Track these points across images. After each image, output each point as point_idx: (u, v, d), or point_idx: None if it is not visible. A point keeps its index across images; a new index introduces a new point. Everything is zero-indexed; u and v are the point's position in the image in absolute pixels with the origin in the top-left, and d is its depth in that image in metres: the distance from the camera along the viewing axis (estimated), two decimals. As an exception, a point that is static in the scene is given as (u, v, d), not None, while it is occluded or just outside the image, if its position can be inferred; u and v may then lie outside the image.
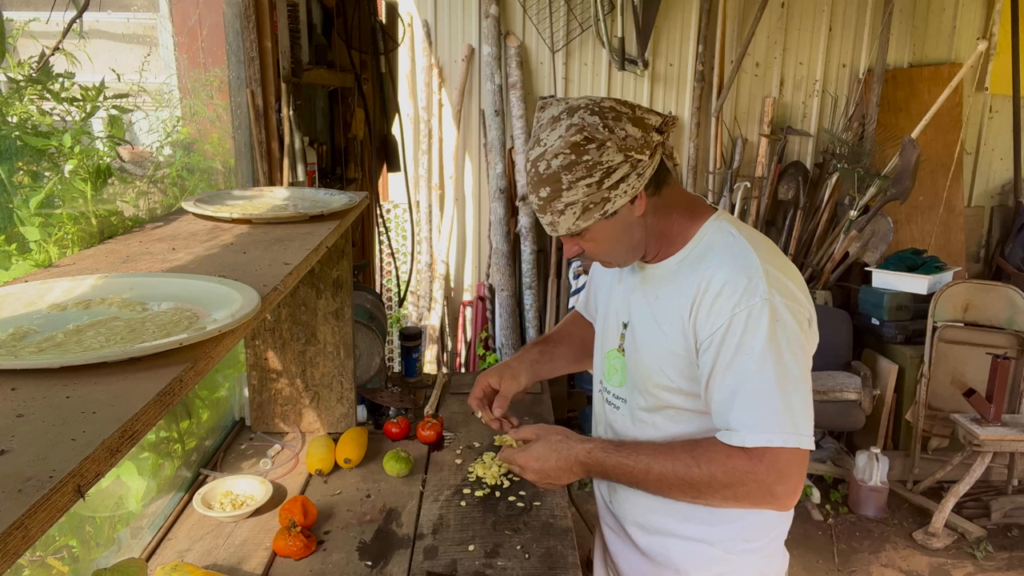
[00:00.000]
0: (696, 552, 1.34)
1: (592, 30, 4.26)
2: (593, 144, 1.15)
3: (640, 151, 1.17)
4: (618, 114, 1.17)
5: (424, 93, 4.29)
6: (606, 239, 1.25)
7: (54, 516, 0.56)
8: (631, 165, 1.17)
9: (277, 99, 2.10)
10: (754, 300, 1.16)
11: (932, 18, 4.41)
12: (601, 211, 1.19)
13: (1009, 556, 3.31)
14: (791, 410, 1.16)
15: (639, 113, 1.20)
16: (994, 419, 3.21)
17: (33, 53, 1.36)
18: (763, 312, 1.15)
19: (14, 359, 0.78)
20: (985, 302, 3.64)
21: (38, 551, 1.35)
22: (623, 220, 1.22)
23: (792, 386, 1.16)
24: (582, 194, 1.17)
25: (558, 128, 1.18)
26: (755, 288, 1.17)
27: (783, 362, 1.15)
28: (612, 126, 1.16)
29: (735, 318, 1.17)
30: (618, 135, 1.16)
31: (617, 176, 1.17)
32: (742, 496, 1.19)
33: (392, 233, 4.46)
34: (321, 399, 2.03)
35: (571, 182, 1.17)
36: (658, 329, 1.28)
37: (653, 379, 1.31)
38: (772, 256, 1.23)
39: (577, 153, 1.16)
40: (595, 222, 1.21)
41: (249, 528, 1.61)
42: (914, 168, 3.80)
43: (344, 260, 1.93)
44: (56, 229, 1.32)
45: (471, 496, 1.73)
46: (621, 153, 1.16)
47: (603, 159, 1.16)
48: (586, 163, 1.16)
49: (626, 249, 1.28)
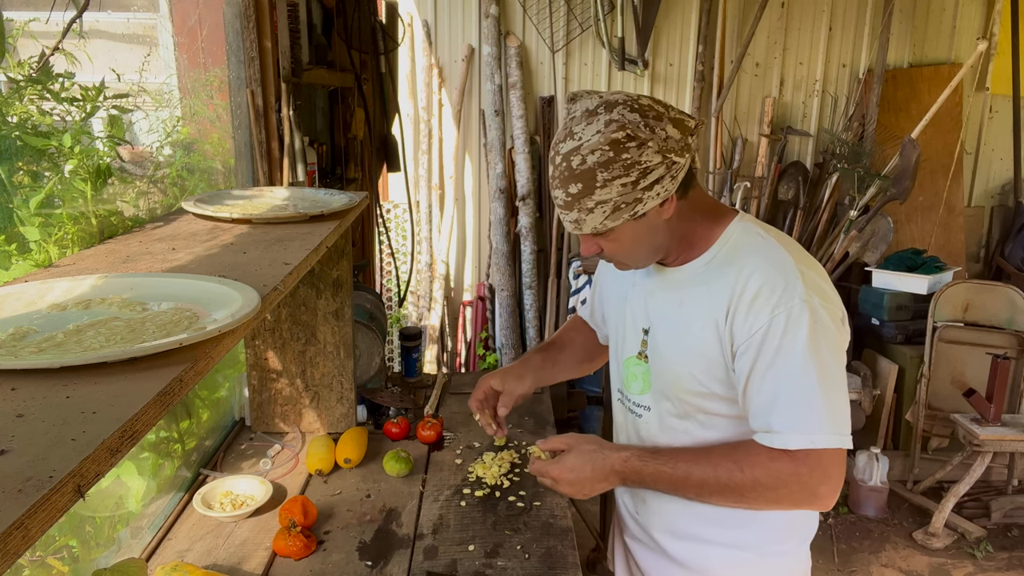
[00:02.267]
0: (730, 556, 1.33)
1: (592, 30, 4.26)
2: (634, 143, 1.11)
3: (679, 153, 1.15)
4: (658, 114, 1.14)
5: (424, 93, 4.29)
6: (630, 240, 1.22)
7: (54, 516, 0.56)
8: (667, 167, 1.14)
9: (277, 99, 2.10)
10: (793, 301, 1.15)
11: (932, 18, 4.41)
12: (631, 212, 1.16)
13: (1009, 556, 3.31)
14: (833, 410, 1.15)
15: (675, 114, 1.17)
16: (994, 419, 3.21)
17: (33, 53, 1.35)
18: (803, 313, 1.14)
19: (14, 359, 0.78)
20: (985, 302, 3.64)
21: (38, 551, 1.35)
22: (650, 222, 1.20)
23: (833, 386, 1.16)
24: (616, 193, 1.13)
25: (595, 123, 1.13)
26: (793, 289, 1.15)
27: (824, 362, 1.15)
28: (653, 126, 1.13)
29: (775, 320, 1.15)
30: (659, 136, 1.13)
31: (652, 177, 1.13)
32: (785, 498, 1.18)
33: (392, 233, 4.46)
34: (321, 399, 2.03)
35: (606, 180, 1.12)
36: (688, 333, 1.25)
37: (683, 384, 1.28)
38: (803, 256, 1.22)
39: (616, 151, 1.11)
40: (623, 223, 1.17)
41: (249, 528, 1.61)
42: (914, 168, 3.80)
43: (344, 260, 1.93)
44: (56, 229, 1.32)
45: (471, 496, 1.73)
46: (660, 155, 1.13)
47: (642, 159, 1.12)
48: (624, 162, 1.11)
49: (648, 251, 1.26)
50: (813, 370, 1.14)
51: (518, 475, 1.81)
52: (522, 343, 4.48)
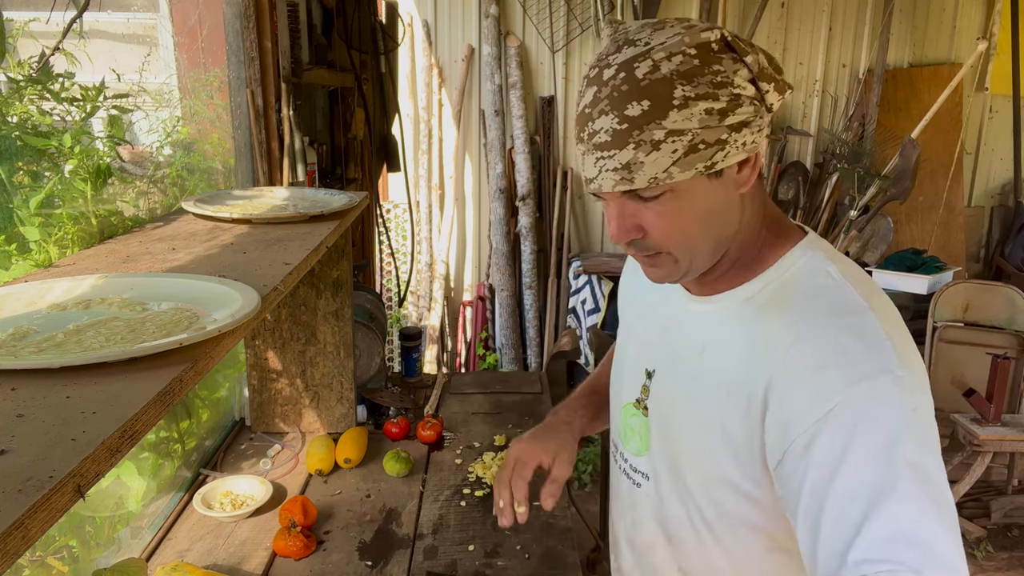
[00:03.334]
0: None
1: (592, 30, 4.26)
2: (727, 56, 0.79)
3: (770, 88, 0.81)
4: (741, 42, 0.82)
5: (424, 93, 4.29)
6: (693, 212, 0.83)
7: (54, 516, 0.56)
8: (756, 109, 0.80)
9: (277, 99, 2.10)
10: (879, 378, 0.76)
11: (932, 18, 4.41)
12: (710, 160, 0.79)
13: (1009, 556, 3.31)
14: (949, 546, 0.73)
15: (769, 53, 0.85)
16: (994, 419, 3.21)
17: (33, 53, 1.35)
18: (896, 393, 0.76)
19: (14, 359, 0.78)
20: (985, 302, 3.64)
21: (38, 551, 1.35)
22: (724, 192, 0.83)
23: (946, 511, 0.75)
24: (697, 122, 0.77)
25: (667, 29, 0.81)
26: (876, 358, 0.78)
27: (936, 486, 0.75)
28: (744, 48, 0.81)
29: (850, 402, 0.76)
30: (754, 58, 0.80)
31: (743, 114, 0.79)
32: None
33: (392, 233, 4.46)
34: (321, 399, 2.03)
35: (687, 98, 0.77)
36: (707, 395, 0.89)
37: (691, 461, 0.93)
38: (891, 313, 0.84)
39: (705, 59, 0.78)
40: (694, 176, 0.80)
41: (249, 528, 1.61)
42: (914, 168, 3.80)
43: (344, 260, 1.93)
44: (56, 229, 1.32)
45: (471, 496, 1.73)
46: (753, 85, 0.80)
47: (736, 80, 0.78)
48: (715, 76, 0.78)
49: (711, 240, 0.86)
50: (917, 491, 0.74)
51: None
52: (522, 343, 4.48)
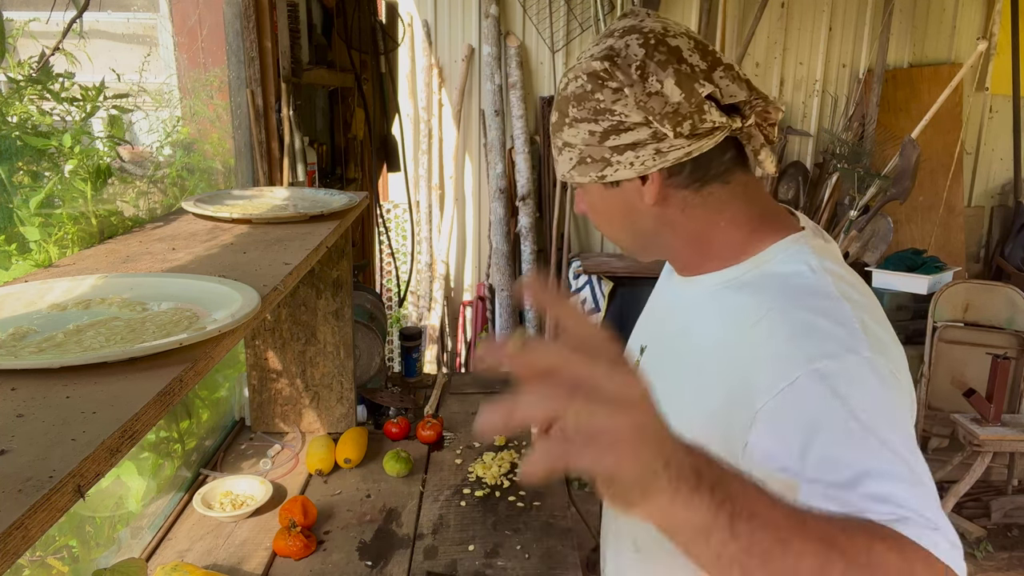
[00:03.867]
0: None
1: (592, 30, 4.26)
2: (612, 83, 0.85)
3: (666, 123, 0.84)
4: (667, 60, 0.83)
5: (424, 93, 4.29)
6: (601, 211, 0.96)
7: (54, 516, 0.56)
8: (652, 135, 0.85)
9: (277, 99, 2.10)
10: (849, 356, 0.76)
11: (932, 18, 4.41)
12: (598, 173, 0.89)
13: (1009, 556, 3.31)
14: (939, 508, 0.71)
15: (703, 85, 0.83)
16: (994, 419, 3.21)
17: (33, 53, 1.35)
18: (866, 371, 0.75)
19: (14, 359, 0.78)
20: (985, 302, 3.64)
21: (38, 551, 1.35)
22: (626, 200, 0.91)
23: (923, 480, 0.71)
24: (580, 140, 0.88)
25: (602, 43, 0.88)
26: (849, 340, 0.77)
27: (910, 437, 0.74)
28: (648, 74, 0.83)
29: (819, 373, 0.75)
30: (646, 87, 0.83)
31: (628, 139, 0.86)
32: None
33: (392, 233, 4.46)
34: (321, 399, 2.03)
35: (575, 119, 0.88)
36: (684, 371, 0.91)
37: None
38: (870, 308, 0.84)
39: (594, 85, 0.86)
40: (590, 182, 0.91)
41: (249, 528, 1.61)
42: (914, 168, 3.80)
43: (344, 260, 1.93)
44: (56, 229, 1.32)
45: (471, 496, 1.73)
46: (641, 112, 0.84)
47: (616, 108, 0.85)
48: (596, 103, 0.86)
49: (629, 235, 0.98)
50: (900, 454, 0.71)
51: (518, 475, 1.81)
52: (522, 343, 4.48)
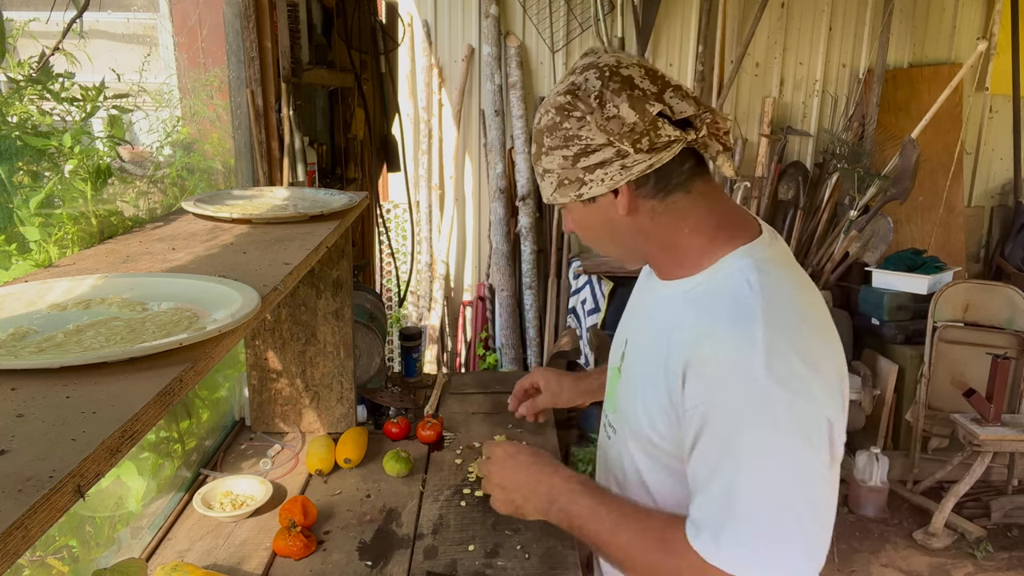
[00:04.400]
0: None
1: (592, 30, 4.26)
2: (576, 113, 0.99)
3: (625, 141, 0.97)
4: (622, 87, 0.97)
5: (424, 93, 4.29)
6: (585, 226, 1.10)
7: (54, 516, 0.56)
8: (616, 153, 0.98)
9: (277, 99, 2.10)
10: (743, 387, 0.91)
11: (932, 18, 4.41)
12: (576, 192, 1.03)
13: (1009, 556, 3.31)
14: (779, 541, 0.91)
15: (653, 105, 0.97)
16: (994, 419, 3.21)
17: (33, 53, 1.35)
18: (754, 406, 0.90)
19: (14, 359, 0.78)
20: (985, 302, 3.64)
21: (38, 551, 1.35)
22: (604, 213, 1.05)
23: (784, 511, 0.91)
24: (556, 165, 1.03)
25: (565, 80, 1.03)
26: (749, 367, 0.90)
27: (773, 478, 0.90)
28: (606, 101, 0.97)
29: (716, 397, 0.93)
30: (604, 113, 0.97)
31: (595, 159, 1.00)
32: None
33: (392, 233, 4.46)
34: (321, 399, 2.03)
35: (549, 147, 1.03)
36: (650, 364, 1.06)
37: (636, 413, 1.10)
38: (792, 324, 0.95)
39: (561, 117, 1.00)
40: (571, 202, 1.06)
41: (249, 528, 1.61)
42: (914, 168, 3.80)
43: (344, 260, 1.93)
44: (56, 229, 1.32)
45: (471, 496, 1.73)
46: (604, 135, 0.98)
47: (582, 134, 0.99)
48: (565, 132, 1.00)
49: (612, 245, 1.12)
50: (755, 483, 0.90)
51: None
52: (522, 343, 4.48)
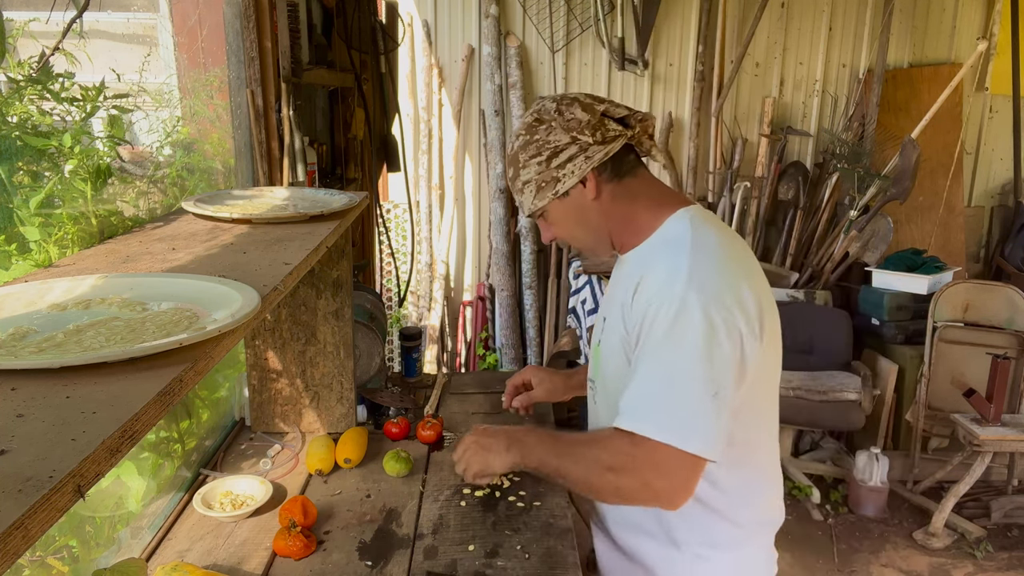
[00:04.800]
0: (666, 554, 1.35)
1: (592, 30, 4.26)
2: (543, 125, 1.25)
3: (585, 133, 1.22)
4: (572, 101, 1.25)
5: (424, 93, 4.29)
6: (564, 221, 1.31)
7: (54, 516, 0.56)
8: (579, 147, 1.23)
9: (277, 99, 2.10)
10: (667, 294, 1.15)
11: (932, 18, 4.41)
12: (553, 191, 1.26)
13: (1009, 556, 3.31)
14: (673, 406, 1.13)
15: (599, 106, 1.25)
16: (994, 419, 3.21)
17: (33, 53, 1.35)
18: (672, 306, 1.14)
19: (14, 359, 0.78)
20: (985, 302, 3.64)
21: (38, 551, 1.35)
22: (577, 202, 1.28)
23: (683, 385, 1.13)
24: (534, 172, 1.26)
25: (525, 116, 1.30)
26: (672, 281, 1.15)
27: (680, 360, 1.13)
28: (563, 110, 1.24)
29: (648, 310, 1.17)
30: (564, 116, 1.24)
31: (564, 156, 1.24)
32: (624, 485, 1.18)
33: (392, 233, 4.46)
34: (321, 399, 2.03)
35: (525, 161, 1.26)
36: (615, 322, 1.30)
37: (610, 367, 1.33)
38: (712, 254, 1.20)
39: (530, 133, 1.26)
40: (549, 202, 1.28)
41: (249, 528, 1.61)
42: (914, 168, 3.80)
43: (344, 260, 1.93)
44: (56, 229, 1.32)
45: (471, 496, 1.73)
46: (567, 134, 1.23)
47: (550, 139, 1.24)
48: (536, 143, 1.25)
49: (587, 233, 1.32)
50: (663, 362, 1.15)
51: (518, 475, 1.81)
52: (522, 343, 4.48)
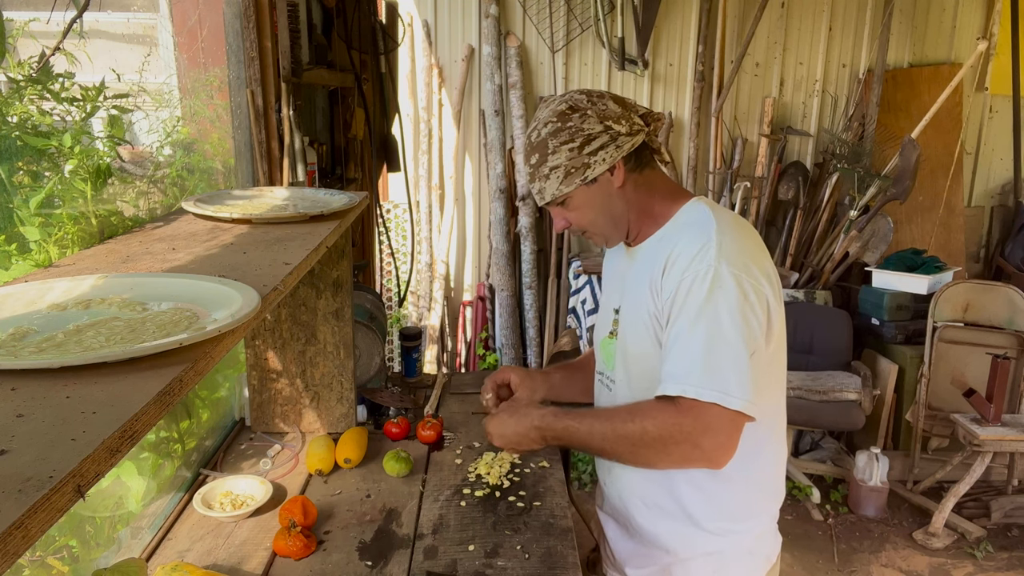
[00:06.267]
0: (685, 533, 1.38)
1: (592, 30, 4.26)
2: (576, 113, 1.29)
3: (618, 123, 1.28)
4: (602, 94, 1.32)
5: (424, 93, 4.29)
6: (587, 207, 1.34)
7: (54, 516, 0.56)
8: (610, 136, 1.28)
9: (277, 99, 2.10)
10: (700, 266, 1.21)
11: (932, 18, 4.41)
12: (581, 176, 1.29)
13: (1009, 556, 3.31)
14: (718, 368, 1.18)
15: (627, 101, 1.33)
16: (994, 419, 3.21)
17: (33, 53, 1.36)
18: (707, 277, 1.20)
19: (14, 359, 0.78)
20: (985, 302, 3.64)
21: (38, 551, 1.35)
22: (603, 189, 1.32)
23: (724, 347, 1.19)
24: (564, 158, 1.29)
25: (551, 105, 1.33)
26: (704, 255, 1.22)
27: (718, 323, 1.19)
28: (595, 101, 1.30)
29: (682, 282, 1.22)
30: (599, 107, 1.29)
31: (596, 144, 1.28)
32: (673, 450, 1.22)
33: (392, 233, 4.46)
34: (321, 399, 2.03)
35: (556, 146, 1.29)
36: (640, 302, 1.34)
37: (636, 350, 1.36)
38: (734, 231, 1.27)
39: (562, 120, 1.29)
40: (576, 188, 1.31)
41: (249, 528, 1.61)
42: (914, 168, 3.80)
43: (344, 260, 1.93)
44: (56, 229, 1.32)
45: (471, 496, 1.73)
46: (601, 123, 1.28)
47: (584, 126, 1.28)
48: (569, 129, 1.28)
49: (608, 220, 1.36)
50: (703, 328, 1.19)
51: (518, 475, 1.81)
52: (522, 343, 4.48)
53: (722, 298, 1.19)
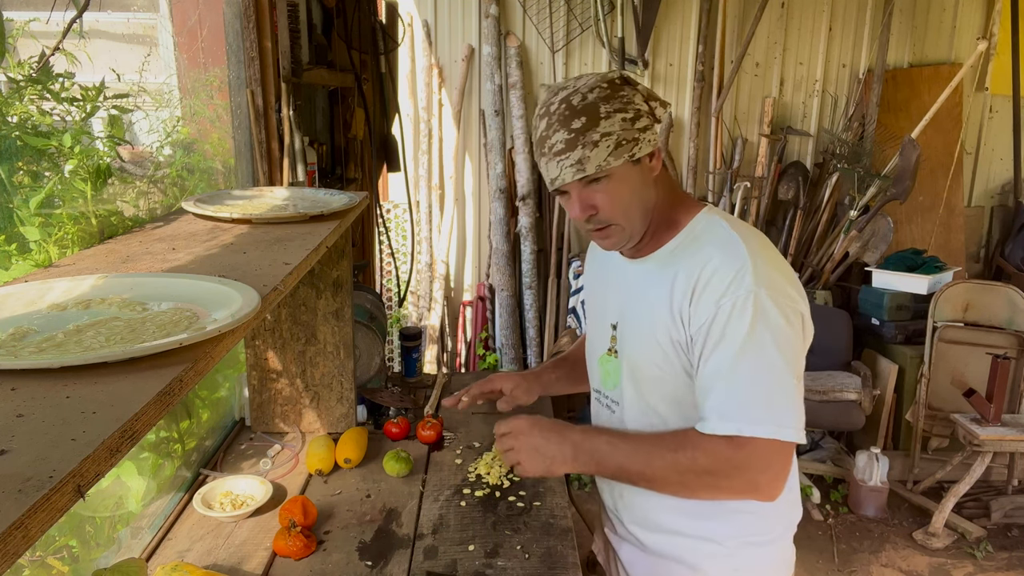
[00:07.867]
0: (707, 550, 1.34)
1: (592, 30, 4.26)
2: (628, 86, 1.22)
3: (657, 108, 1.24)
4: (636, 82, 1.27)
5: (424, 93, 4.29)
6: (624, 189, 1.22)
7: (54, 516, 0.56)
8: (651, 120, 1.22)
9: (277, 99, 2.10)
10: (738, 292, 1.16)
11: (932, 18, 4.41)
12: (630, 152, 1.20)
13: (1009, 556, 3.31)
14: (770, 402, 1.15)
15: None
16: (994, 419, 3.21)
17: (33, 53, 1.36)
18: (747, 305, 1.15)
19: (14, 359, 0.78)
20: (985, 302, 3.64)
21: (38, 551, 1.35)
22: (643, 174, 1.24)
23: (772, 378, 1.16)
24: (618, 126, 1.18)
25: (586, 78, 1.23)
26: (741, 281, 1.17)
27: (765, 354, 1.15)
28: (635, 81, 1.25)
29: (720, 311, 1.17)
30: (639, 89, 1.24)
31: (643, 123, 1.21)
32: (724, 486, 1.20)
33: (392, 233, 4.46)
34: (321, 399, 2.03)
35: (608, 112, 1.18)
36: (651, 320, 1.27)
37: (647, 372, 1.30)
38: (762, 250, 1.23)
39: (614, 88, 1.20)
40: (623, 163, 1.20)
41: (249, 528, 1.61)
42: (914, 168, 3.80)
43: (344, 260, 1.93)
44: (56, 229, 1.32)
45: (471, 496, 1.73)
46: (646, 103, 1.22)
47: (635, 100, 1.21)
48: (621, 98, 1.20)
49: (640, 210, 1.26)
50: (749, 361, 1.15)
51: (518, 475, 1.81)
52: (522, 343, 4.48)
53: (765, 327, 1.15)
